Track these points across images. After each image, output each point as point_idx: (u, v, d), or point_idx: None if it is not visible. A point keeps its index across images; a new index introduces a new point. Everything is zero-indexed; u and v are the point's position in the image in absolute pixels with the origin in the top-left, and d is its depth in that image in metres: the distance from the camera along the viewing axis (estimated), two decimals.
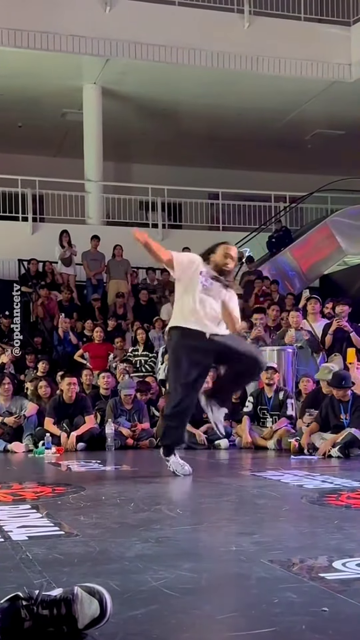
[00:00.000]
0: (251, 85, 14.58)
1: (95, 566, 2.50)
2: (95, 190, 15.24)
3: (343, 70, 14.66)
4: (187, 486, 4.93)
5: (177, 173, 17.03)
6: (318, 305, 9.39)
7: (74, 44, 13.34)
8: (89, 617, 1.81)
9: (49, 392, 8.52)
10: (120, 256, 13.31)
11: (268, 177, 17.54)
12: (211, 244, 5.43)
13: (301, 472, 5.33)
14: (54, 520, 3.42)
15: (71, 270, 13.32)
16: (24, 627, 1.77)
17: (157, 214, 15.91)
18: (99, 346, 10.57)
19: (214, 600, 2.16)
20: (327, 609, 1.99)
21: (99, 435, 7.86)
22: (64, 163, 16.35)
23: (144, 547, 2.80)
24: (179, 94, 14.98)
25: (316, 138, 17.32)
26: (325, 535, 3.07)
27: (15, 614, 1.77)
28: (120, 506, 3.92)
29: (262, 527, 3.30)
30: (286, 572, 2.41)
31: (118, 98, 15.16)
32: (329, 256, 15.31)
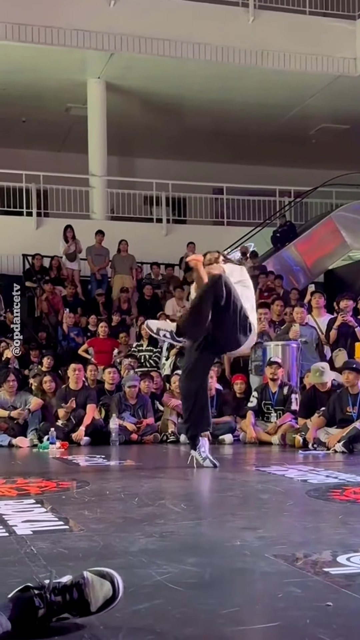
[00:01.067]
0: (255, 79, 14.54)
1: (99, 561, 2.50)
2: (100, 185, 15.23)
3: (348, 64, 14.61)
4: (191, 481, 4.93)
5: (182, 168, 17.00)
6: (322, 300, 9.37)
7: (78, 38, 13.31)
8: (102, 598, 1.83)
9: (53, 387, 8.54)
10: (125, 251, 13.30)
11: (272, 172, 17.50)
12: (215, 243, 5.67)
13: (305, 467, 5.32)
14: (59, 514, 3.42)
15: (75, 265, 13.32)
16: (37, 616, 1.78)
17: (162, 208, 15.89)
18: (103, 341, 10.58)
19: (218, 594, 2.16)
20: (332, 603, 1.99)
21: (103, 430, 7.88)
22: (68, 158, 16.34)
23: (148, 541, 2.81)
24: (183, 88, 14.94)
25: (321, 133, 17.26)
26: (330, 530, 3.07)
27: (28, 603, 1.79)
28: (124, 501, 3.92)
29: (267, 522, 3.30)
30: (290, 567, 2.41)
31: (122, 93, 15.13)
32: (334, 251, 15.27)
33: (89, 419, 7.91)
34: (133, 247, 13.34)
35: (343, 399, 6.86)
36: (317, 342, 8.82)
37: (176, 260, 14.09)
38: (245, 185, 16.74)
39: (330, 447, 6.58)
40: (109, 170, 15.62)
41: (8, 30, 12.97)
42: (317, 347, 8.81)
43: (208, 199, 17.11)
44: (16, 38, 13.05)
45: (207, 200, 17.05)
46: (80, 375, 8.17)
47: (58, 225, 13.81)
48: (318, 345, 8.83)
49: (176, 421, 8.24)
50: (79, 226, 13.54)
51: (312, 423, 7.06)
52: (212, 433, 7.75)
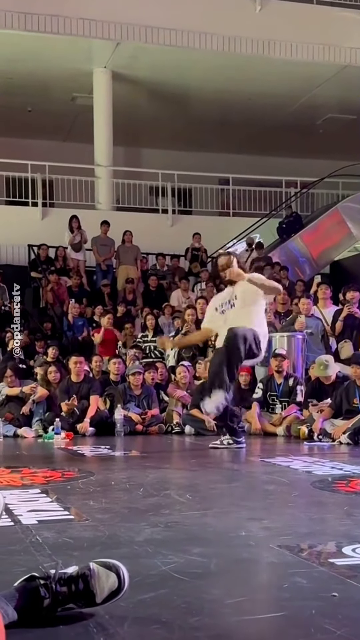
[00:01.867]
0: (262, 69, 14.46)
1: (104, 550, 2.51)
2: (105, 176, 15.20)
3: (356, 54, 14.52)
4: (196, 472, 4.94)
5: (188, 158, 16.94)
6: (329, 291, 9.35)
7: (84, 27, 13.26)
8: (107, 590, 1.84)
9: (58, 377, 8.55)
10: (130, 242, 13.28)
11: (279, 163, 17.44)
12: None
13: (311, 459, 5.32)
14: (64, 504, 3.43)
15: (81, 256, 13.30)
16: (43, 605, 1.79)
17: (167, 199, 15.85)
18: (108, 332, 10.57)
19: (223, 584, 2.16)
20: (337, 594, 1.99)
21: (108, 420, 7.89)
22: (74, 148, 16.29)
23: (154, 531, 2.81)
24: (190, 78, 14.88)
25: (328, 123, 17.18)
26: (335, 521, 3.07)
27: (34, 592, 1.80)
28: (129, 491, 3.93)
29: (272, 512, 3.30)
30: (295, 558, 2.41)
31: (128, 82, 15.08)
32: (340, 242, 15.22)
33: (93, 410, 7.91)
34: (138, 238, 13.32)
35: (350, 391, 6.86)
36: (322, 334, 8.80)
37: (182, 251, 14.07)
38: (252, 176, 16.68)
39: (335, 439, 6.58)
40: (115, 160, 15.58)
41: (14, 19, 12.92)
42: (322, 338, 8.79)
43: (214, 189, 17.06)
44: (22, 27, 13.00)
45: (213, 191, 17.00)
46: (82, 368, 8.15)
47: (63, 215, 13.80)
48: (324, 336, 8.81)
49: (181, 412, 8.25)
50: (84, 216, 13.52)
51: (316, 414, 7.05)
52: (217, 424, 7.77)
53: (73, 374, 8.14)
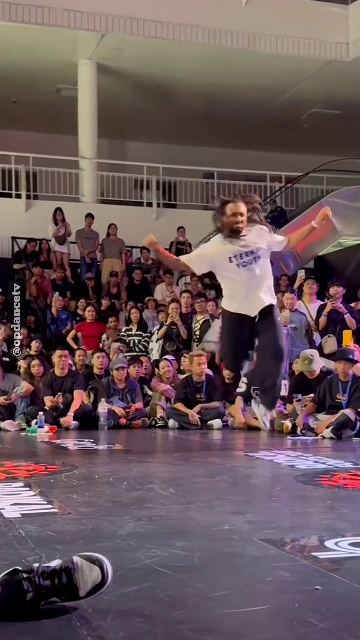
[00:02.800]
0: (248, 62, 14.45)
1: (87, 544, 2.50)
2: (90, 168, 15.13)
3: (340, 49, 14.54)
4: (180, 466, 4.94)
5: (172, 151, 16.91)
6: (315, 286, 9.37)
7: (69, 18, 13.17)
8: (90, 583, 1.83)
9: (41, 371, 8.51)
10: (115, 235, 13.24)
11: (264, 157, 17.45)
12: (216, 209, 5.42)
13: (294, 453, 5.34)
14: (47, 498, 3.42)
15: (65, 249, 13.25)
16: (26, 599, 1.78)
17: (152, 192, 15.82)
18: (91, 325, 10.55)
19: (207, 578, 2.16)
20: (320, 587, 1.99)
21: (92, 414, 7.87)
22: (58, 140, 16.20)
23: (137, 525, 2.81)
24: (175, 70, 14.83)
25: (313, 118, 17.21)
26: (318, 515, 3.08)
27: (17, 586, 1.79)
28: (113, 485, 3.92)
29: (255, 506, 3.31)
30: (279, 551, 2.42)
31: (113, 74, 15.01)
32: (324, 237, 15.25)
33: (77, 404, 7.90)
34: (123, 231, 13.28)
35: (333, 386, 6.89)
36: (306, 328, 8.83)
37: (166, 244, 14.03)
38: (236, 170, 16.68)
39: (318, 433, 6.61)
40: (99, 152, 15.52)
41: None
42: (306, 333, 8.82)
43: (199, 183, 17.04)
44: (6, 17, 12.89)
45: (198, 185, 16.98)
46: (66, 362, 8.14)
47: (47, 207, 13.73)
48: (307, 331, 8.84)
49: (165, 406, 8.25)
50: (68, 209, 13.46)
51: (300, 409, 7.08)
52: (201, 418, 7.79)
53: (57, 368, 8.11)
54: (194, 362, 8.11)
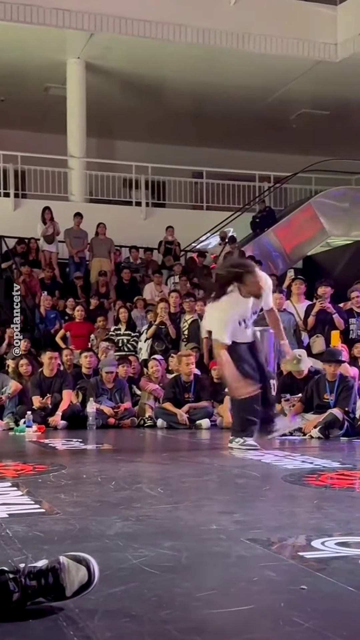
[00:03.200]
0: (237, 62, 14.46)
1: (75, 544, 2.50)
2: (78, 167, 15.10)
3: (329, 49, 14.58)
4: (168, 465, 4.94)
5: (161, 151, 16.91)
6: (303, 286, 9.40)
7: (58, 17, 13.14)
8: (77, 583, 1.83)
9: (30, 370, 8.50)
10: (104, 234, 13.22)
11: (253, 157, 17.48)
12: (232, 266, 5.79)
13: (282, 453, 5.36)
14: (35, 498, 3.41)
15: (53, 248, 13.22)
16: (12, 600, 1.78)
17: (141, 192, 15.81)
18: (79, 325, 10.53)
19: (194, 578, 2.17)
20: (306, 587, 2.00)
21: (80, 414, 7.86)
22: (47, 139, 16.16)
23: (125, 525, 2.81)
24: (164, 70, 14.83)
25: (301, 118, 17.25)
26: (305, 514, 3.10)
27: (3, 587, 1.79)
28: (101, 485, 3.92)
29: (243, 506, 3.32)
30: (266, 551, 2.42)
31: (102, 73, 14.99)
32: (313, 237, 15.32)
33: (65, 404, 7.89)
34: (112, 231, 13.27)
35: (321, 386, 6.91)
36: (294, 328, 8.85)
37: (155, 244, 14.06)
38: (225, 170, 16.70)
39: (306, 433, 6.63)
40: (88, 152, 15.50)
41: None
42: (294, 333, 8.84)
43: (187, 182, 17.05)
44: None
45: (187, 184, 16.99)
46: (56, 363, 8.12)
47: (36, 206, 13.70)
48: (296, 331, 8.86)
49: (153, 405, 8.26)
50: (57, 208, 13.43)
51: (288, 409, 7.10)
52: (190, 418, 7.80)
53: (46, 369, 8.07)
54: (182, 361, 8.12)
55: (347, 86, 15.41)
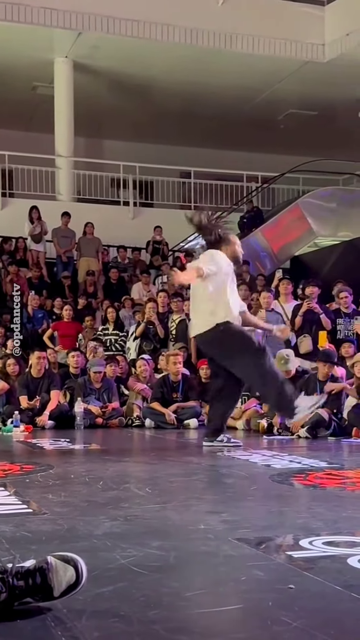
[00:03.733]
0: (225, 62, 14.48)
1: (63, 544, 2.49)
2: (66, 166, 15.07)
3: (317, 50, 14.63)
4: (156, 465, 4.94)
5: (149, 150, 16.90)
6: (290, 286, 9.43)
7: (46, 16, 13.11)
8: (65, 583, 1.83)
9: (17, 370, 8.47)
10: (91, 234, 13.21)
11: (240, 157, 17.51)
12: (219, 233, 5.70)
13: (270, 452, 5.37)
14: (22, 498, 3.40)
15: (41, 247, 13.19)
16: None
17: (129, 191, 15.80)
18: (68, 324, 10.51)
19: (182, 577, 2.17)
20: (294, 586, 2.01)
21: (68, 413, 7.85)
22: (35, 138, 16.12)
23: (113, 525, 2.81)
24: (152, 70, 14.83)
25: (289, 118, 17.29)
26: (293, 514, 3.10)
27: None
28: (89, 485, 3.92)
29: (231, 506, 3.32)
30: (254, 550, 2.43)
31: (90, 73, 14.97)
32: (300, 237, 15.37)
33: (53, 404, 7.87)
34: (100, 230, 13.25)
35: (310, 385, 6.94)
36: None
37: (143, 243, 14.05)
38: (213, 170, 16.72)
39: (294, 432, 6.65)
40: (76, 151, 15.46)
41: None
42: None
43: (175, 182, 17.06)
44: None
45: (175, 184, 17.00)
46: (44, 363, 8.11)
47: (23, 206, 13.66)
48: None
49: (141, 405, 8.25)
50: (44, 207, 13.40)
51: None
52: (178, 417, 7.80)
53: (34, 369, 8.05)
54: (170, 361, 8.12)
55: (335, 86, 15.47)
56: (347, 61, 14.55)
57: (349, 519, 2.95)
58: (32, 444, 6.23)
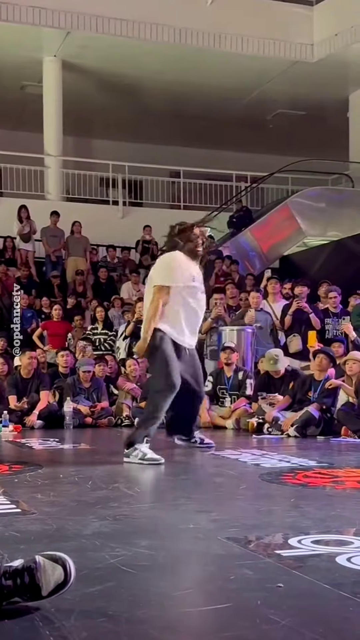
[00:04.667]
0: (214, 62, 14.49)
1: (51, 543, 2.49)
2: (55, 165, 15.03)
3: (305, 50, 14.66)
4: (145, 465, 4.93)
5: (139, 150, 16.89)
6: (278, 285, 9.45)
7: (34, 15, 13.07)
8: (53, 583, 1.82)
9: (6, 369, 8.44)
10: (79, 233, 13.17)
11: (230, 157, 17.52)
12: (178, 227, 5.23)
13: (259, 452, 5.38)
14: (11, 498, 3.39)
15: (30, 247, 13.14)
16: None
17: (118, 191, 15.78)
18: (57, 324, 10.49)
19: (171, 577, 2.17)
20: (282, 584, 2.01)
21: (57, 413, 7.83)
22: (23, 137, 16.06)
23: (102, 524, 2.80)
24: (141, 69, 14.81)
25: (278, 118, 17.33)
26: (282, 513, 3.11)
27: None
28: (78, 484, 3.91)
29: (220, 505, 3.33)
30: (243, 549, 2.43)
31: (79, 72, 14.93)
32: (289, 237, 15.39)
33: (42, 405, 7.84)
34: (89, 230, 13.22)
35: (306, 383, 6.99)
36: (271, 328, 8.89)
37: (132, 243, 14.03)
38: (202, 169, 16.72)
39: (284, 431, 6.67)
40: (65, 150, 15.43)
41: None
42: (271, 332, 8.88)
43: (165, 182, 17.05)
44: None
45: (164, 184, 16.98)
46: (34, 363, 8.08)
47: (12, 205, 13.60)
48: (273, 330, 8.90)
49: (131, 405, 8.24)
50: (33, 206, 13.35)
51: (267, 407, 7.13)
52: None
53: (24, 369, 8.02)
54: None
55: (324, 86, 15.51)
56: (336, 61, 14.60)
57: (337, 517, 2.96)
58: (21, 443, 6.21)
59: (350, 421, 6.53)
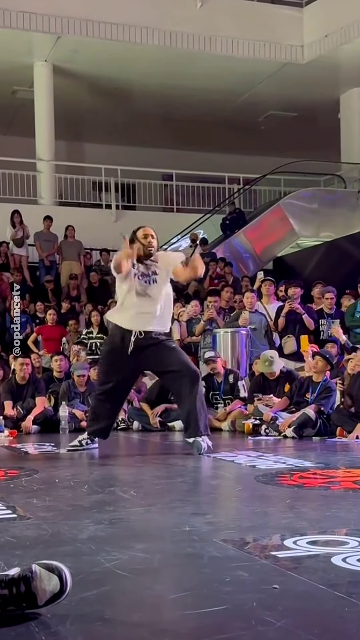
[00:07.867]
0: (204, 65, 14.52)
1: (47, 548, 2.49)
2: (47, 170, 15.04)
3: (295, 51, 14.70)
4: (141, 468, 4.94)
5: (131, 153, 16.90)
6: (272, 287, 9.46)
7: (24, 20, 13.08)
8: (49, 592, 1.82)
9: (1, 375, 8.42)
10: (73, 237, 13.17)
11: (222, 159, 17.54)
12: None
13: (255, 453, 5.38)
14: (7, 503, 3.39)
15: (23, 251, 13.14)
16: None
17: (111, 194, 15.78)
18: (52, 328, 10.48)
19: (166, 580, 2.17)
20: (278, 586, 2.01)
21: (52, 418, 7.82)
22: (15, 141, 16.06)
23: (97, 528, 2.80)
24: (132, 73, 14.83)
25: (269, 120, 17.36)
26: (278, 514, 3.11)
27: None
28: (73, 489, 3.91)
29: (216, 507, 3.33)
30: (238, 551, 2.43)
31: (70, 76, 14.94)
32: (282, 238, 15.42)
33: (38, 410, 7.82)
34: (82, 233, 13.22)
35: (304, 385, 7.00)
36: (266, 329, 8.90)
37: None
38: (195, 172, 16.74)
39: (282, 432, 6.67)
40: (57, 155, 15.43)
41: None
42: (266, 334, 8.89)
43: (157, 185, 17.06)
44: None
45: (157, 187, 17.00)
46: (28, 369, 8.05)
47: (5, 210, 13.59)
48: (267, 332, 8.91)
49: (126, 408, 8.23)
50: (26, 211, 13.35)
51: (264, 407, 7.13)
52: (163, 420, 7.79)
53: (18, 375, 8.00)
54: None
55: (314, 87, 15.55)
56: (326, 62, 14.65)
57: (333, 518, 2.96)
58: (17, 448, 6.20)
59: (345, 422, 6.54)
